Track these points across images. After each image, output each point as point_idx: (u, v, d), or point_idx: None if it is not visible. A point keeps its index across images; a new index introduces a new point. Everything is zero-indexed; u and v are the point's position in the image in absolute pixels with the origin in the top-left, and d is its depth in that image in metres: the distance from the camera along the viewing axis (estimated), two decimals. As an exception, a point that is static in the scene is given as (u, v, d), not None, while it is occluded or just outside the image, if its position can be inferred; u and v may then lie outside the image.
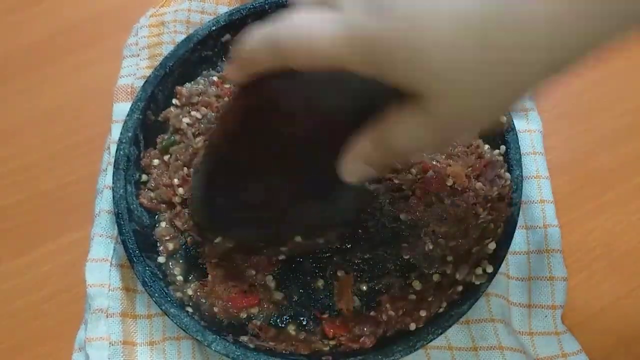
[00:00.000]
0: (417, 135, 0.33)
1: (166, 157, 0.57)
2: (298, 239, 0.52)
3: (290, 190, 0.45)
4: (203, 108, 0.59)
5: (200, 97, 0.59)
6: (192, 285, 0.53)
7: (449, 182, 0.55)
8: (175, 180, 0.55)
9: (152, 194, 0.55)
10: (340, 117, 0.38)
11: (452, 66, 0.28)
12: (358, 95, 0.36)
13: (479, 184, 0.54)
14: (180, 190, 0.55)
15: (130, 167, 0.54)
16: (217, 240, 0.50)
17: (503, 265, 0.52)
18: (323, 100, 0.38)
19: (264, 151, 0.42)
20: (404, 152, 0.35)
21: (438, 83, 0.29)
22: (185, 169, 0.56)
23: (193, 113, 0.58)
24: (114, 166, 0.54)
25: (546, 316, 0.51)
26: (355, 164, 0.37)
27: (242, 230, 0.51)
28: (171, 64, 0.58)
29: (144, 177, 0.56)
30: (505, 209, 0.52)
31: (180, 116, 0.58)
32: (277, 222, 0.49)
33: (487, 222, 0.52)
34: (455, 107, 0.30)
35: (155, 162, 0.56)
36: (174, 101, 0.59)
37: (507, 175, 0.53)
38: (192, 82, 0.60)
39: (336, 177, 0.38)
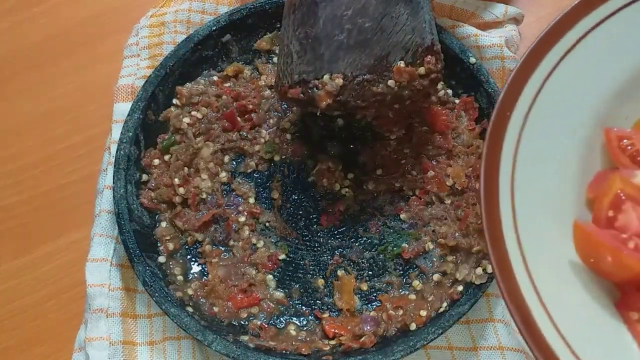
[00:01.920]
0: None
1: (167, 157, 0.57)
2: (401, 64, 0.49)
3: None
4: (203, 108, 0.59)
5: (201, 97, 0.59)
6: (192, 284, 0.53)
7: (449, 183, 0.55)
8: (176, 180, 0.56)
9: (152, 194, 0.55)
10: None
11: None
12: None
13: (479, 184, 0.54)
14: (181, 190, 0.55)
15: (130, 167, 0.54)
16: (326, 77, 0.49)
17: (503, 265, 0.52)
18: None
19: None
20: None
21: None
22: (186, 168, 0.57)
23: (193, 113, 0.58)
24: (115, 166, 0.54)
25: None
26: None
27: (347, 57, 0.49)
28: (172, 64, 0.58)
29: (145, 177, 0.56)
30: None
31: (181, 116, 0.58)
32: (375, 39, 0.49)
33: None
34: None
35: (156, 162, 0.57)
36: (175, 101, 0.59)
37: None
38: (193, 82, 0.60)
39: None
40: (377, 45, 0.48)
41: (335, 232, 0.56)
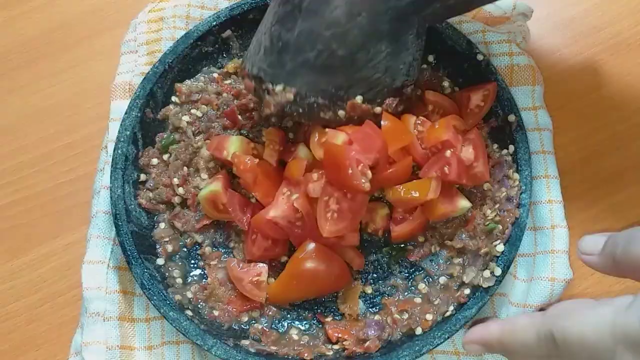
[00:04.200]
0: None
1: (165, 156, 0.56)
2: (359, 99, 0.49)
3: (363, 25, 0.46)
4: (203, 106, 0.57)
5: (201, 95, 0.58)
6: (191, 287, 0.52)
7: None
8: (175, 180, 0.54)
9: (150, 194, 0.54)
10: None
11: None
12: None
13: (486, 185, 0.53)
14: (180, 190, 0.54)
15: (128, 166, 0.53)
16: (278, 88, 0.48)
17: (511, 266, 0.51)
18: None
19: None
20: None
21: None
22: (185, 168, 0.55)
23: (193, 111, 0.57)
24: (112, 165, 0.53)
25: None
26: (475, 347, 0.47)
27: (307, 76, 0.48)
28: (170, 61, 0.57)
29: (143, 177, 0.55)
30: (514, 210, 0.50)
31: (180, 114, 0.57)
32: (342, 69, 0.47)
33: (495, 224, 0.51)
34: None
35: (154, 161, 0.55)
36: (174, 99, 0.58)
37: (516, 175, 0.52)
38: (192, 79, 0.59)
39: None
40: (342, 75, 0.48)
41: (339, 234, 0.55)
